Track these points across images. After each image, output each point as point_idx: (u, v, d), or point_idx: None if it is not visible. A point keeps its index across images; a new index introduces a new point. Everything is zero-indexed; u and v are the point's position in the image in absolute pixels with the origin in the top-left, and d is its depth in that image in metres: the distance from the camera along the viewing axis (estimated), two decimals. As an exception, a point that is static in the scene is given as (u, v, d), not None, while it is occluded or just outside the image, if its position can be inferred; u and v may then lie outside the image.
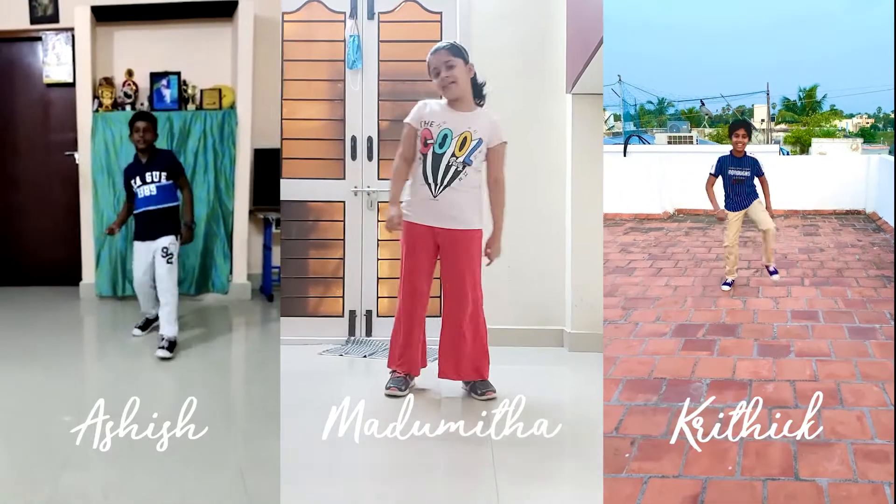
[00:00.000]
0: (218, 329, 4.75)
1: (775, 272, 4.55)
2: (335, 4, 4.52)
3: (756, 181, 4.43)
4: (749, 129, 4.49)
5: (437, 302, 4.45)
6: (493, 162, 3.27)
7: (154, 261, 4.00)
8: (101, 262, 5.26)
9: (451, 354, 3.29)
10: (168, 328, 3.90)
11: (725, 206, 4.46)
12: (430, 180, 3.18)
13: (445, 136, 3.16)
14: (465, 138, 3.17)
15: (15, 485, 2.42)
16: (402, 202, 3.28)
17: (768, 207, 4.44)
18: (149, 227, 4.05)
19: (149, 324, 4.28)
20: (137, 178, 4.07)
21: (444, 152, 3.16)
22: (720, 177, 4.44)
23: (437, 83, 3.20)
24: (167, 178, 4.07)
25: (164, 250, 3.98)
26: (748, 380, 2.88)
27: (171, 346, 3.87)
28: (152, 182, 4.06)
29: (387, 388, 3.29)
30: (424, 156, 3.19)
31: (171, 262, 3.97)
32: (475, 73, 3.25)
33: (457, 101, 3.21)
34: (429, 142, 3.18)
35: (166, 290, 3.95)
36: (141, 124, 4.08)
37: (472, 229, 3.24)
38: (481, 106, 3.27)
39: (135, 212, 4.13)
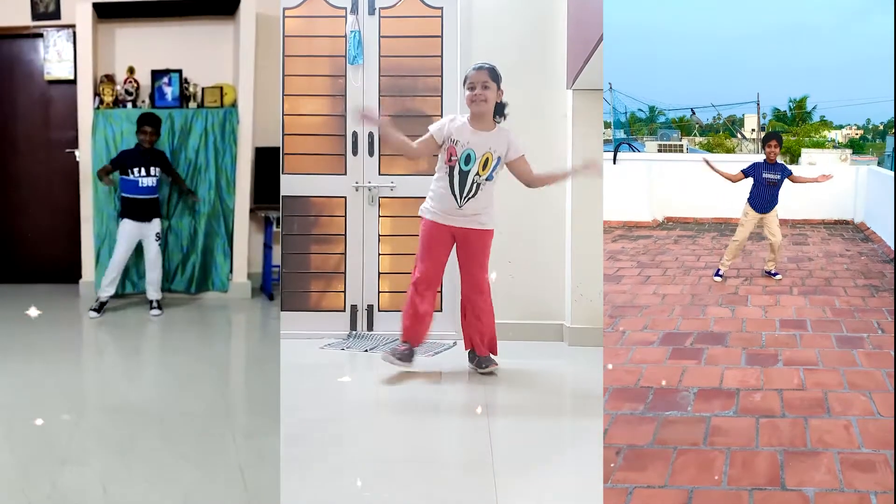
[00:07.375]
0: (218, 327, 4.79)
1: (776, 273, 5.05)
2: (336, 0, 4.54)
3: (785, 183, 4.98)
4: (780, 139, 5.14)
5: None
6: (520, 170, 3.61)
7: (144, 242, 4.95)
8: (101, 260, 5.24)
9: (474, 331, 3.69)
10: (155, 293, 4.97)
11: (752, 206, 4.98)
12: (457, 193, 3.54)
13: (469, 156, 3.49)
14: (487, 158, 3.51)
15: (14, 481, 2.44)
16: (428, 206, 3.64)
17: (815, 180, 5.03)
18: (142, 210, 4.92)
19: (102, 306, 4.89)
20: (141, 169, 4.89)
21: (469, 170, 3.50)
22: (750, 178, 4.95)
23: (468, 96, 3.53)
24: (161, 172, 4.99)
25: (157, 235, 4.97)
26: (735, 389, 2.90)
27: (160, 305, 4.96)
28: (153, 176, 4.93)
29: (397, 358, 3.59)
30: (451, 169, 3.51)
31: (160, 245, 5.00)
32: (502, 97, 3.56)
33: (479, 117, 3.52)
34: (453, 158, 3.51)
35: (156, 266, 4.97)
36: (148, 128, 4.92)
37: (487, 229, 3.63)
38: (499, 123, 3.58)
39: (128, 195, 4.90)
